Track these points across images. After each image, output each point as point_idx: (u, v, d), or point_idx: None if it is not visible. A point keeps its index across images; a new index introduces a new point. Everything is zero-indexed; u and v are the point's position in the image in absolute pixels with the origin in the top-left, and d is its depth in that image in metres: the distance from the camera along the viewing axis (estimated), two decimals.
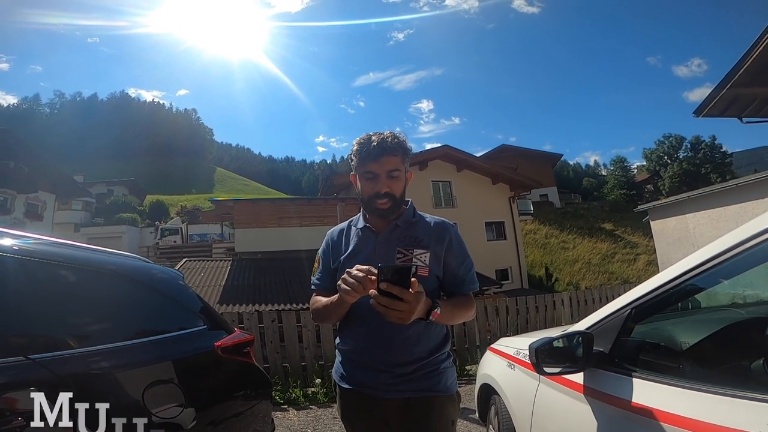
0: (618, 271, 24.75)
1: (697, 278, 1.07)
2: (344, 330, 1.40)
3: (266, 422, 2.05)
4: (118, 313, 1.63)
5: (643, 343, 1.32)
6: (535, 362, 1.31)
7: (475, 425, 3.32)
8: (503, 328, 6.08)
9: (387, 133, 1.32)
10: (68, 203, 29.23)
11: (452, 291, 1.36)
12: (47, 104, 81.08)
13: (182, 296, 1.94)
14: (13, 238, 1.40)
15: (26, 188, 22.89)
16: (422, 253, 1.32)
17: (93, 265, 1.60)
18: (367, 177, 1.32)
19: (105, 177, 43.44)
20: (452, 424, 1.37)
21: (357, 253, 1.36)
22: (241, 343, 1.99)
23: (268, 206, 17.35)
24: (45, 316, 1.35)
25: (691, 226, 9.81)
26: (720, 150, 36.86)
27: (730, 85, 8.62)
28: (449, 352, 1.40)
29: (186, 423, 1.50)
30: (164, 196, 43.45)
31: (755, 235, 0.90)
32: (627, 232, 29.23)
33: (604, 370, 1.25)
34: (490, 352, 2.48)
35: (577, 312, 6.80)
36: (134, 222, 29.98)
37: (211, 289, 12.56)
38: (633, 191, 40.06)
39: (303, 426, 3.70)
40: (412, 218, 1.40)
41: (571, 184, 51.82)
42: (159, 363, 1.57)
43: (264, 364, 4.77)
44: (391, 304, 1.02)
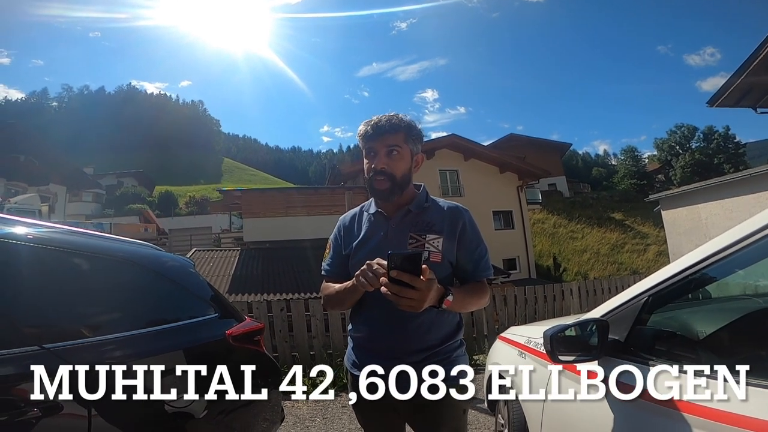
0: (627, 261, 24.56)
1: (717, 265, 1.05)
2: (356, 316, 1.39)
3: (276, 411, 2.05)
4: (129, 302, 1.63)
5: (660, 331, 1.29)
6: (550, 350, 1.29)
7: (484, 414, 3.33)
8: (511, 318, 6.06)
9: (392, 113, 1.31)
10: (79, 195, 29.58)
11: (465, 277, 1.34)
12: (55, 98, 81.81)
13: (193, 284, 1.94)
14: (25, 226, 1.39)
15: (37, 181, 23.19)
16: (435, 238, 1.29)
17: (104, 252, 1.59)
18: (368, 155, 1.31)
19: (114, 169, 43.81)
20: (464, 413, 1.36)
21: (369, 239, 1.34)
22: (252, 331, 1.99)
23: (276, 196, 17.41)
24: (57, 305, 1.35)
25: (703, 216, 9.68)
26: (733, 140, 36.21)
27: (745, 75, 8.45)
28: (462, 341, 1.39)
29: (198, 412, 1.51)
30: (173, 187, 43.80)
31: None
32: (637, 222, 28.92)
33: (619, 359, 1.23)
34: (499, 341, 2.47)
35: (585, 302, 6.76)
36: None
37: (221, 278, 12.66)
38: (643, 181, 39.60)
39: (312, 415, 3.73)
40: (425, 203, 1.37)
41: (580, 174, 51.31)
42: (171, 352, 1.58)
43: (273, 353, 4.81)
44: (402, 292, 1.01)
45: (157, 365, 1.46)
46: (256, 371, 1.98)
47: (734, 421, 0.85)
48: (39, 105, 77.15)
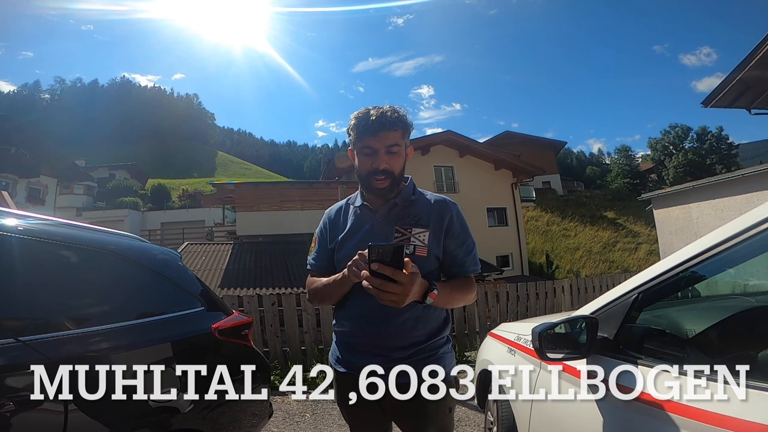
0: (619, 259, 24.75)
1: (708, 262, 1.04)
2: (340, 311, 1.36)
3: (264, 406, 2.03)
4: (114, 294, 1.60)
5: (649, 329, 1.28)
6: (538, 347, 1.28)
7: (473, 412, 3.33)
8: (503, 314, 6.07)
9: (386, 107, 1.25)
10: (70, 187, 29.26)
11: (452, 272, 1.31)
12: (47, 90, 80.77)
13: (181, 277, 1.92)
14: (14, 217, 1.36)
15: (28, 173, 22.93)
16: (421, 232, 1.26)
17: (90, 244, 1.56)
18: (365, 153, 1.26)
19: (107, 161, 43.27)
20: (450, 411, 1.33)
21: (354, 232, 1.31)
22: (239, 325, 1.97)
23: (270, 189, 17.32)
24: (38, 297, 1.32)
25: (694, 215, 9.76)
26: (726, 141, 36.46)
27: (740, 76, 8.49)
28: (449, 337, 1.36)
29: (183, 407, 1.49)
30: (166, 180, 43.32)
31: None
32: (629, 221, 29.12)
33: (607, 357, 1.22)
34: (490, 338, 2.46)
35: (577, 299, 6.79)
36: (136, 206, 30.06)
37: (213, 272, 12.59)
38: (636, 180, 39.81)
39: (302, 410, 3.71)
40: (412, 196, 1.34)
41: (575, 172, 51.51)
42: (157, 345, 1.55)
43: (264, 348, 4.78)
44: (384, 286, 0.98)
45: (142, 358, 1.44)
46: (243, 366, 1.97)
47: (722, 423, 0.84)
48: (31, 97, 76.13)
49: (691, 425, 0.89)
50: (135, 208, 29.34)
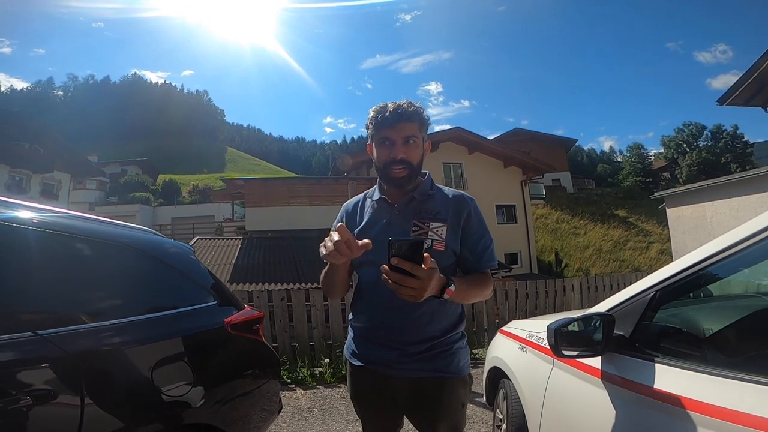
0: (629, 258, 24.46)
1: (728, 261, 1.02)
2: (356, 305, 1.37)
3: (274, 401, 2.04)
4: (129, 288, 1.61)
5: (666, 328, 1.27)
6: (554, 344, 1.27)
7: (482, 409, 3.31)
8: (512, 312, 6.05)
9: (404, 101, 1.27)
10: (83, 183, 29.75)
11: (469, 267, 1.30)
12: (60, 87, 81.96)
13: (194, 271, 1.92)
14: (26, 210, 1.37)
15: (41, 168, 23.31)
16: (439, 226, 1.27)
17: (105, 237, 1.57)
18: (383, 144, 1.27)
19: (118, 157, 43.83)
20: (462, 407, 1.33)
21: (371, 226, 1.32)
22: (251, 320, 1.97)
23: (279, 185, 17.40)
24: (55, 291, 1.33)
25: (708, 214, 9.61)
26: (741, 140, 35.80)
27: (757, 74, 8.32)
28: (463, 332, 1.36)
29: (195, 401, 1.50)
30: (177, 175, 43.81)
31: None
32: (641, 220, 28.76)
33: (623, 355, 1.21)
34: (500, 335, 2.45)
35: (586, 298, 6.74)
36: (147, 201, 30.48)
37: (222, 267, 12.70)
38: (649, 178, 39.33)
39: (310, 405, 3.73)
40: (430, 190, 1.34)
41: (585, 170, 51.08)
42: (169, 339, 1.55)
43: (273, 343, 4.81)
44: (403, 281, 0.98)
45: (156, 353, 1.44)
46: (254, 360, 1.98)
47: (741, 420, 0.82)
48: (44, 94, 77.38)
49: (709, 422, 0.88)
50: (146, 203, 29.72)
